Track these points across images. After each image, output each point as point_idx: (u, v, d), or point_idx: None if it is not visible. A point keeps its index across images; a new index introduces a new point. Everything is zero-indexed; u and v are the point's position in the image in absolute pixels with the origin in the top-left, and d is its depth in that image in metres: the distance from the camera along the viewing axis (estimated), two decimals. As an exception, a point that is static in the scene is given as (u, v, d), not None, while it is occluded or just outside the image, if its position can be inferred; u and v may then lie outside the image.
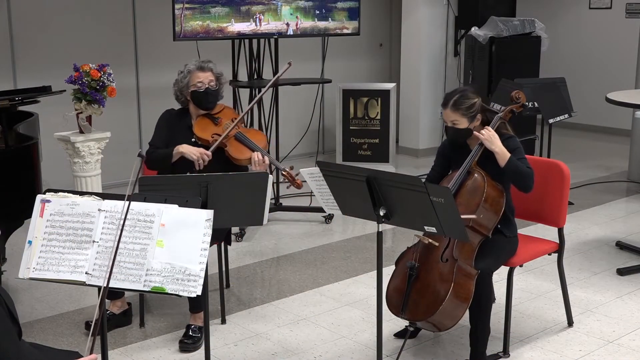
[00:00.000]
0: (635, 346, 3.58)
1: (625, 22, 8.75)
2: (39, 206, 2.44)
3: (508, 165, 3.30)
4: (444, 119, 3.48)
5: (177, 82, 3.98)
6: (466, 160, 3.37)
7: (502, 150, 3.31)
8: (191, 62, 4.00)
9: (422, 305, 3.21)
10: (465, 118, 3.38)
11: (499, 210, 3.30)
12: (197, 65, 3.96)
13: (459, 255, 3.23)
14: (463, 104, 3.37)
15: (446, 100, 3.43)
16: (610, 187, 6.65)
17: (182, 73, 3.97)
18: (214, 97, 3.97)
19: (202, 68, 3.95)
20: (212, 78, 3.95)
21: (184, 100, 4.00)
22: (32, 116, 4.06)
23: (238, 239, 5.20)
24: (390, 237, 5.29)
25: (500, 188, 3.33)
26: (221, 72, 4.04)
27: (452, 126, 3.41)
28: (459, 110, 3.37)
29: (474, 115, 3.40)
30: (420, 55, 7.81)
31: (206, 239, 2.38)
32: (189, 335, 3.63)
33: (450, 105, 3.39)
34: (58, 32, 6.24)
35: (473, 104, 3.39)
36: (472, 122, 3.40)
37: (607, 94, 5.30)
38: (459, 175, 3.35)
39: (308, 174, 3.19)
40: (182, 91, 3.96)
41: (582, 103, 8.08)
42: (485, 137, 3.33)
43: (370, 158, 7.30)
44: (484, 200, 3.25)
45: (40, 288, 4.27)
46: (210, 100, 3.96)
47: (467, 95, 3.41)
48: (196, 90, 3.91)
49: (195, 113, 4.00)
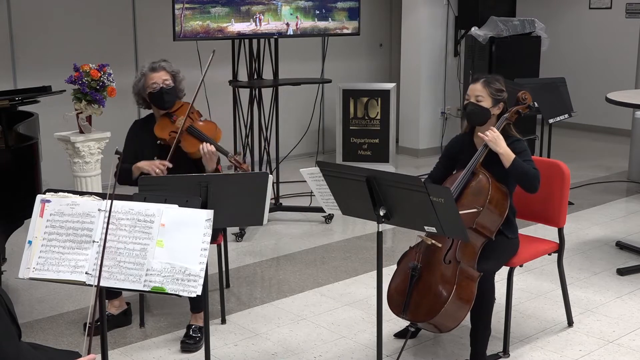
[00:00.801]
0: (635, 346, 3.58)
1: (625, 22, 8.75)
2: (39, 206, 2.45)
3: (513, 166, 3.28)
4: (467, 94, 3.46)
5: (134, 87, 3.94)
6: (471, 161, 3.36)
7: (506, 152, 3.29)
8: (145, 65, 3.95)
9: (424, 307, 3.20)
10: (491, 98, 3.39)
11: (503, 212, 3.29)
12: (149, 67, 3.90)
13: (462, 257, 3.21)
14: (494, 84, 3.41)
15: (478, 76, 3.46)
16: (610, 187, 6.65)
17: (137, 77, 3.93)
18: (170, 95, 3.89)
19: (154, 69, 3.89)
20: (166, 77, 3.88)
21: (146, 105, 3.95)
22: (32, 116, 4.06)
23: (238, 239, 5.20)
24: (390, 237, 5.29)
25: (504, 190, 3.32)
26: (177, 69, 3.96)
27: (475, 102, 3.40)
28: (488, 88, 3.39)
29: (499, 100, 3.41)
30: (420, 55, 7.81)
31: (206, 239, 2.38)
32: (190, 335, 3.63)
33: (482, 80, 3.42)
34: (58, 32, 6.24)
35: (502, 90, 3.42)
36: (495, 106, 3.40)
37: (607, 94, 5.30)
38: (464, 175, 3.34)
39: (308, 174, 3.19)
40: (141, 94, 3.92)
41: (582, 103, 8.08)
42: (489, 138, 3.31)
43: (370, 158, 7.30)
44: (488, 202, 3.23)
45: (40, 288, 4.27)
46: (167, 100, 3.88)
47: (499, 79, 3.46)
48: (152, 91, 3.85)
49: (157, 115, 3.95)
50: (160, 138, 3.87)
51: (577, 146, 8.40)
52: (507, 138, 3.36)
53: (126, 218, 2.40)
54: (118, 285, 2.37)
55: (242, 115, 5.90)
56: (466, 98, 3.48)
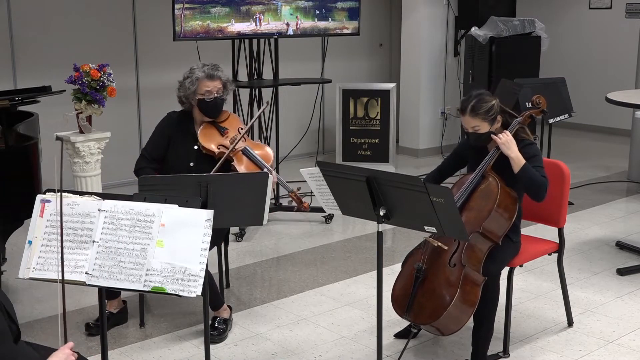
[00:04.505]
0: (635, 346, 3.58)
1: (625, 22, 8.75)
2: (39, 206, 2.45)
3: (522, 171, 3.24)
4: (464, 126, 3.39)
5: (182, 87, 3.84)
6: (481, 164, 3.33)
7: (517, 156, 3.25)
8: (199, 67, 3.84)
9: (427, 309, 3.18)
10: (486, 122, 3.31)
11: (511, 217, 3.25)
12: (206, 73, 3.80)
13: (467, 262, 3.19)
14: (481, 108, 3.30)
15: (463, 106, 3.34)
16: (610, 187, 6.65)
17: (188, 78, 3.81)
18: (222, 105, 3.88)
19: (211, 76, 3.80)
20: (220, 86, 3.83)
21: (189, 105, 3.89)
22: (32, 116, 4.06)
23: (238, 239, 5.20)
24: (390, 237, 5.29)
25: (514, 195, 3.28)
26: (229, 77, 3.93)
27: (474, 132, 3.34)
28: (479, 115, 3.30)
29: (494, 117, 3.33)
30: (420, 55, 7.81)
31: (206, 239, 2.38)
32: (214, 327, 3.67)
33: (469, 111, 3.30)
34: (58, 32, 6.24)
35: (491, 107, 3.31)
36: (493, 125, 3.34)
37: (607, 94, 5.30)
38: (473, 178, 3.32)
39: (308, 174, 3.19)
40: (188, 97, 3.83)
41: (582, 103, 8.08)
42: (502, 141, 3.27)
43: (370, 158, 7.30)
44: (496, 206, 3.20)
45: (40, 288, 4.27)
46: (219, 109, 3.87)
47: (483, 98, 3.33)
48: (204, 99, 3.79)
49: (199, 119, 3.88)
50: (206, 148, 3.81)
51: (577, 146, 8.40)
52: (519, 141, 3.33)
53: (126, 218, 2.40)
54: (118, 285, 2.37)
55: (242, 115, 5.90)
56: (464, 129, 3.42)
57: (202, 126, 3.87)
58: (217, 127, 3.89)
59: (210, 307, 3.67)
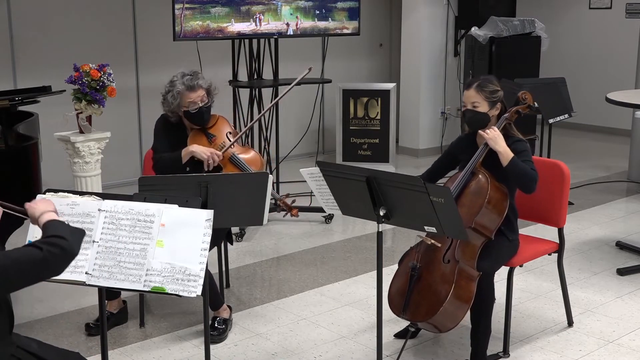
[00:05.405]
0: (635, 346, 3.58)
1: (625, 22, 8.75)
2: (39, 206, 2.44)
3: (510, 165, 3.26)
4: (463, 101, 3.45)
5: (165, 102, 3.78)
6: (471, 160, 3.36)
7: (505, 150, 3.28)
8: (179, 79, 3.75)
9: (423, 307, 3.20)
10: (487, 102, 3.37)
11: (502, 212, 3.28)
12: (186, 85, 3.72)
13: (461, 257, 3.21)
14: (487, 87, 3.38)
15: (470, 82, 3.43)
16: (610, 187, 6.65)
17: (170, 92, 3.74)
18: (209, 112, 3.84)
19: (192, 87, 3.72)
20: (203, 93, 3.77)
21: (177, 117, 3.83)
22: (32, 116, 4.06)
23: (238, 239, 5.20)
24: (390, 237, 5.29)
25: (504, 190, 3.30)
26: (210, 82, 3.84)
27: (472, 109, 3.38)
28: (482, 92, 3.36)
29: (495, 101, 3.39)
30: (420, 55, 7.81)
31: (206, 239, 2.38)
32: (214, 327, 3.67)
33: (475, 85, 3.38)
34: (58, 32, 6.24)
35: (496, 90, 3.39)
36: (492, 109, 3.39)
37: (607, 94, 5.30)
38: (463, 175, 3.34)
39: (308, 174, 3.19)
40: (174, 111, 3.79)
41: (582, 103, 8.08)
42: (489, 136, 3.30)
43: (370, 158, 7.30)
44: (487, 202, 3.23)
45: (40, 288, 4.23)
46: (206, 118, 3.83)
47: (492, 80, 3.43)
48: (188, 111, 3.75)
49: (189, 126, 3.88)
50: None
51: (577, 146, 8.40)
52: (508, 138, 3.35)
53: (126, 218, 2.40)
54: (118, 285, 2.37)
55: (242, 115, 5.90)
56: (463, 105, 3.47)
57: (191, 133, 3.88)
58: (205, 134, 3.89)
59: (210, 307, 3.67)
